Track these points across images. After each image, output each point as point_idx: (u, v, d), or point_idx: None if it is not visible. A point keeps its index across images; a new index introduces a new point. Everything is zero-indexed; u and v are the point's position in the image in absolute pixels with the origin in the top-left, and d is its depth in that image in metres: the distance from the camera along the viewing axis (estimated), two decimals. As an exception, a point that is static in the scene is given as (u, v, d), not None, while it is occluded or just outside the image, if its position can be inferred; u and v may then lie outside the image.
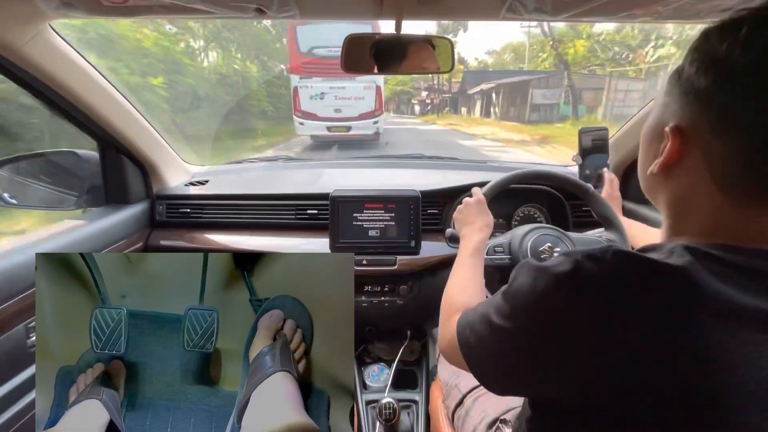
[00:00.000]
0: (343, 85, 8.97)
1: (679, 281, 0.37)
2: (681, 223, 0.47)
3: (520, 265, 0.49)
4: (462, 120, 26.36)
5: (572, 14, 0.79)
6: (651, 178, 0.49)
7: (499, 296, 0.50)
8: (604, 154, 1.27)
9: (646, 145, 0.51)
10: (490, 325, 0.49)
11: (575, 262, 0.40)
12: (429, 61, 0.92)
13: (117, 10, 0.79)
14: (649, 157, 0.50)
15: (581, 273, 0.39)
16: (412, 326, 1.46)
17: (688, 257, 0.39)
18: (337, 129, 9.31)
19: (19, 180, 1.11)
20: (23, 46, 0.82)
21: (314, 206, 1.33)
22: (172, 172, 1.43)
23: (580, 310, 0.39)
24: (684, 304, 0.36)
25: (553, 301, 0.41)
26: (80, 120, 1.07)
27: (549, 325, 0.41)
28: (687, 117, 0.42)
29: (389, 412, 1.14)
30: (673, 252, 0.40)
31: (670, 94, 0.46)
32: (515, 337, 0.45)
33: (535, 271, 0.44)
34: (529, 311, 0.44)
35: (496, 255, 0.96)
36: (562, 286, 0.40)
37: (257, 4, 0.76)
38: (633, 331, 0.36)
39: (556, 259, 0.43)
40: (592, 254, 0.40)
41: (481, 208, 0.95)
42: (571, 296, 0.39)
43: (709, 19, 0.83)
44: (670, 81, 0.46)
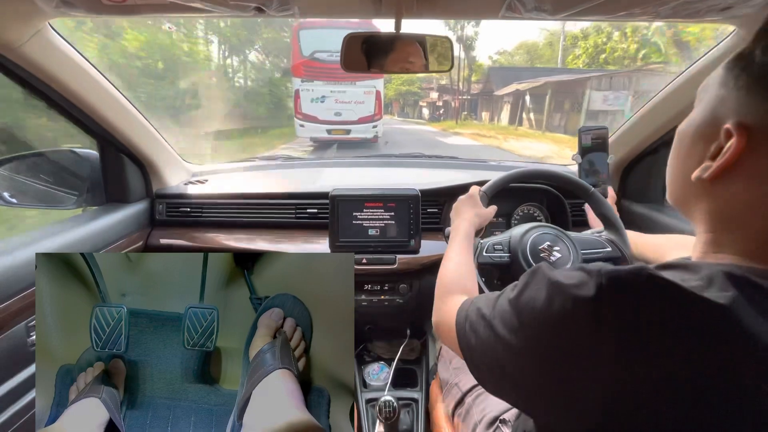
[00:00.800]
0: (344, 89, 9.12)
1: (722, 323, 0.32)
2: (724, 238, 0.40)
3: (534, 272, 0.44)
4: (488, 129, 20.07)
5: (571, 13, 0.80)
6: (692, 184, 0.42)
7: (505, 302, 0.46)
8: (603, 153, 1.27)
9: (687, 146, 0.44)
10: (494, 333, 0.45)
11: (599, 287, 0.35)
12: (428, 59, 0.92)
13: (117, 8, 0.79)
14: (690, 160, 0.43)
15: (606, 301, 0.35)
16: (412, 325, 1.46)
17: (732, 291, 0.33)
18: (337, 132, 9.45)
19: (19, 179, 1.11)
20: (23, 44, 0.82)
21: (314, 205, 1.33)
22: (172, 171, 1.43)
23: (602, 344, 0.34)
24: (726, 351, 0.32)
25: (570, 329, 0.36)
26: (80, 119, 1.07)
27: (562, 354, 0.37)
28: (757, 112, 0.36)
29: (389, 410, 1.14)
30: (713, 280, 0.34)
31: (726, 85, 0.39)
32: (521, 356, 0.41)
33: (550, 286, 0.39)
34: (540, 333, 0.39)
35: (495, 252, 0.96)
36: (583, 315, 0.36)
37: (257, 2, 0.76)
38: (660, 371, 0.32)
39: (576, 276, 0.38)
40: (621, 278, 0.35)
41: (473, 201, 0.96)
42: (592, 327, 0.35)
43: (708, 18, 0.83)
44: (729, 70, 0.40)
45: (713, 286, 0.34)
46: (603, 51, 17.29)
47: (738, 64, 0.39)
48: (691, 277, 0.35)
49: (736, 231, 0.39)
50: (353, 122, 9.38)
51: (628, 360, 0.33)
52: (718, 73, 0.41)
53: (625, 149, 1.33)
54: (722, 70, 0.41)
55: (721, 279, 0.34)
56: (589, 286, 0.36)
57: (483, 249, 0.95)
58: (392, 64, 0.92)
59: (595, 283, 0.36)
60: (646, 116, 1.22)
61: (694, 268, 0.37)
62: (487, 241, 0.97)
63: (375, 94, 9.33)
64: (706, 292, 0.33)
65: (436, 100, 33.78)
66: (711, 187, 0.41)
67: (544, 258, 0.93)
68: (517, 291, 0.44)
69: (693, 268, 0.37)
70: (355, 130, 9.45)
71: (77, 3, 0.76)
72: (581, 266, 0.39)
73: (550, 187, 1.34)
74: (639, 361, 0.33)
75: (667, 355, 0.32)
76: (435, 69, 0.94)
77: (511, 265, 0.95)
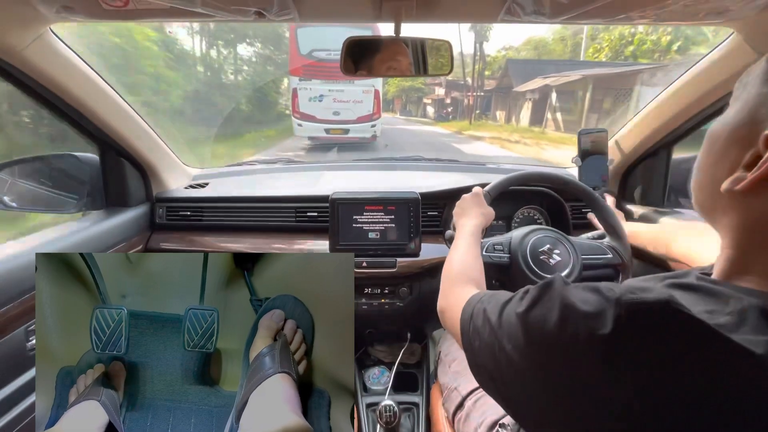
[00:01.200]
0: (342, 88, 9.01)
1: (754, 374, 0.29)
2: (752, 256, 0.36)
3: (545, 286, 0.41)
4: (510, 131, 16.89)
5: (570, 16, 0.80)
6: (721, 194, 0.37)
7: (512, 313, 0.42)
8: (603, 156, 1.28)
9: (719, 151, 0.39)
10: (498, 344, 0.42)
11: (617, 319, 0.32)
12: (429, 63, 0.93)
13: (117, 13, 0.79)
14: (721, 167, 0.38)
15: (623, 337, 0.31)
16: (413, 328, 1.46)
17: (767, 335, 0.29)
18: (335, 131, 9.35)
19: (20, 183, 1.11)
20: (24, 49, 0.83)
21: (314, 209, 1.33)
22: (172, 174, 1.43)
23: (613, 385, 0.31)
24: (755, 404, 0.29)
25: (582, 361, 0.33)
26: (80, 123, 1.07)
27: (570, 385, 0.34)
28: None
29: (389, 414, 1.13)
30: (745, 318, 0.31)
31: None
32: (524, 376, 0.39)
33: (564, 308, 0.36)
34: (548, 358, 0.37)
35: (495, 253, 0.97)
36: (595, 349, 0.32)
37: (257, 7, 0.77)
38: (681, 414, 0.29)
39: (593, 302, 0.35)
40: (642, 311, 0.32)
41: (478, 200, 0.96)
42: (607, 362, 0.32)
43: (707, 21, 0.83)
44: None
45: (745, 325, 0.30)
46: (630, 43, 15.45)
47: None
48: (719, 309, 0.32)
49: (766, 251, 0.35)
50: (352, 121, 9.29)
51: (640, 406, 0.30)
52: (760, 67, 0.36)
53: (625, 152, 1.34)
54: (765, 63, 0.36)
55: (755, 317, 0.31)
56: (607, 318, 0.32)
57: (483, 248, 0.95)
58: (392, 69, 0.93)
59: (614, 314, 0.32)
60: (646, 119, 1.23)
61: (722, 296, 0.34)
62: (488, 241, 0.98)
63: (374, 93, 9.24)
64: (737, 334, 0.30)
65: (444, 97, 30.26)
66: (743, 199, 0.36)
67: (544, 261, 0.93)
68: (526, 305, 0.41)
69: (720, 295, 0.34)
70: (354, 130, 9.35)
71: (78, 8, 0.77)
72: (598, 288, 0.36)
73: (551, 190, 1.34)
74: (653, 409, 0.30)
75: (689, 405, 0.29)
76: (435, 73, 0.94)
77: (511, 267, 0.95)
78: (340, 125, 9.30)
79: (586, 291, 0.37)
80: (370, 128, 9.49)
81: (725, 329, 0.30)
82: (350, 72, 0.91)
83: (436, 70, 0.94)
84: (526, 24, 0.85)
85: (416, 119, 30.11)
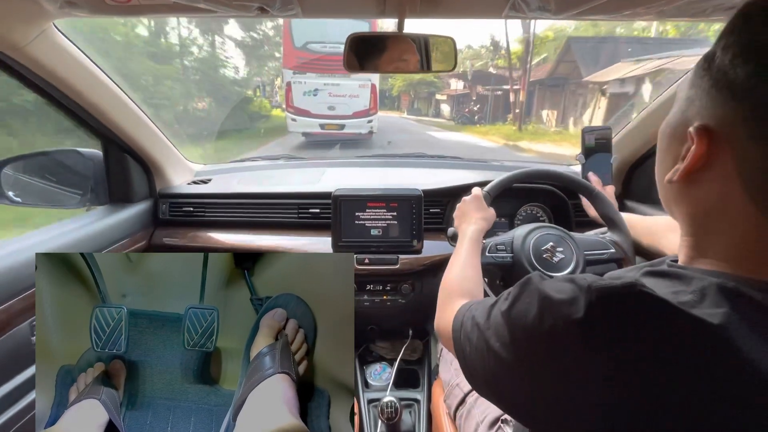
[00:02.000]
0: (338, 82, 8.72)
1: (714, 344, 0.32)
2: (705, 242, 0.40)
3: (525, 283, 0.44)
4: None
5: (575, 13, 0.79)
6: (669, 187, 0.42)
7: (498, 313, 0.45)
8: (607, 154, 1.27)
9: (663, 148, 0.44)
10: (487, 345, 0.45)
11: (589, 304, 0.34)
12: (432, 59, 0.92)
13: (121, 9, 0.79)
14: (667, 161, 0.42)
15: (596, 320, 0.34)
16: (414, 325, 1.46)
17: (725, 308, 0.32)
18: (331, 126, 9.06)
19: (24, 178, 1.11)
20: (27, 45, 0.83)
21: (317, 205, 1.33)
22: (176, 170, 1.43)
23: (592, 363, 0.34)
24: (719, 372, 0.31)
25: (560, 348, 0.36)
26: (84, 119, 1.08)
27: (553, 372, 0.37)
28: (717, 115, 0.35)
29: (391, 411, 1.14)
30: (705, 294, 0.34)
31: (696, 86, 0.38)
32: (513, 371, 0.41)
33: (541, 301, 0.39)
34: (531, 350, 0.39)
35: (498, 253, 0.96)
36: (573, 333, 0.35)
37: (260, 2, 0.76)
38: (652, 391, 0.32)
39: (567, 290, 0.37)
40: (610, 294, 0.35)
41: (478, 204, 0.96)
42: (581, 346, 0.35)
43: (714, 17, 0.82)
44: (697, 71, 0.38)
45: (705, 300, 0.34)
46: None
47: (704, 65, 0.37)
48: (683, 290, 0.35)
49: (715, 236, 0.39)
50: (347, 117, 8.98)
51: (617, 380, 0.33)
52: (690, 72, 0.40)
53: (629, 150, 1.33)
54: (693, 69, 0.40)
55: (713, 293, 0.34)
56: (579, 304, 0.35)
57: (485, 249, 0.95)
58: (395, 65, 0.92)
59: (585, 300, 0.35)
60: (650, 116, 1.22)
61: (686, 278, 0.37)
62: (490, 242, 0.97)
63: (370, 87, 8.93)
64: (697, 309, 0.33)
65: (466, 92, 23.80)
66: (686, 189, 0.40)
67: (547, 259, 0.92)
68: (509, 302, 0.44)
69: (685, 278, 0.37)
70: (350, 125, 9.06)
71: (81, 3, 0.77)
72: (572, 278, 0.39)
73: (553, 187, 1.33)
74: (629, 382, 0.32)
75: (659, 375, 0.32)
76: (438, 69, 0.94)
77: (514, 266, 0.94)
78: (335, 120, 9.00)
79: (561, 282, 0.40)
80: (367, 123, 9.20)
81: (687, 305, 0.33)
82: (354, 69, 0.90)
83: (440, 67, 0.94)
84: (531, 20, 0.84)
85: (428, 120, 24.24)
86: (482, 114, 21.05)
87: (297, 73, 8.70)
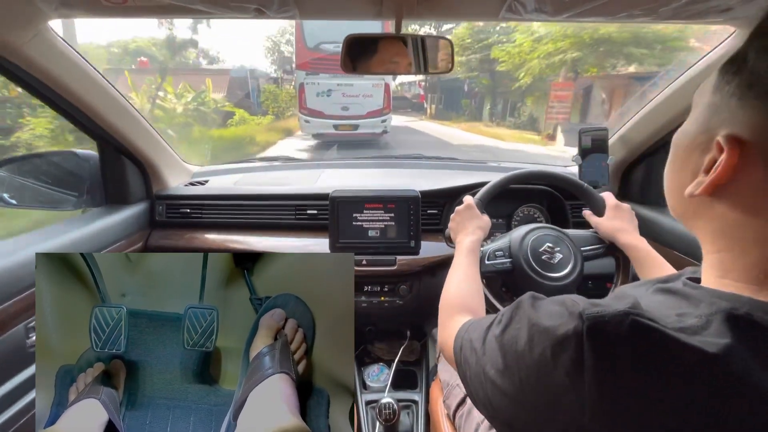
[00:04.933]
0: (351, 83, 8.66)
1: (713, 373, 0.30)
2: (728, 261, 0.37)
3: (516, 307, 0.43)
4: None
5: (572, 14, 0.80)
6: (688, 201, 0.39)
7: (492, 338, 0.44)
8: (603, 154, 1.27)
9: (681, 158, 0.41)
10: (483, 371, 0.44)
11: (578, 335, 0.33)
12: (429, 60, 0.92)
13: (116, 10, 0.79)
14: (685, 173, 0.40)
15: (586, 349, 0.33)
16: (412, 326, 1.46)
17: (728, 338, 0.30)
18: (344, 127, 9.02)
19: (19, 180, 1.11)
20: (23, 45, 0.82)
21: (314, 206, 1.33)
22: (172, 172, 1.43)
23: (579, 392, 0.33)
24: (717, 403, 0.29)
25: (551, 377, 0.35)
26: (80, 120, 1.07)
27: (544, 400, 0.36)
28: (751, 124, 0.32)
29: (389, 412, 1.13)
30: (711, 321, 0.32)
31: (721, 91, 0.36)
32: (507, 397, 0.40)
33: (530, 327, 0.38)
34: (524, 378, 0.38)
35: (497, 260, 0.95)
36: (562, 363, 0.34)
37: (257, 4, 0.76)
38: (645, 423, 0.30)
39: (557, 315, 0.36)
40: (602, 321, 0.33)
41: (472, 213, 0.95)
42: (572, 375, 0.33)
43: (710, 19, 0.83)
44: (722, 75, 0.36)
45: (709, 328, 0.31)
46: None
47: (730, 69, 0.35)
48: (689, 312, 0.34)
49: (739, 254, 0.35)
50: (361, 117, 8.94)
51: (605, 411, 0.32)
52: (713, 77, 0.38)
53: (625, 151, 1.33)
54: (716, 74, 0.37)
55: (719, 321, 0.32)
56: (569, 332, 0.34)
57: (484, 257, 0.95)
58: (392, 66, 0.93)
59: (576, 328, 0.34)
60: (646, 118, 1.22)
61: (695, 299, 0.35)
62: (488, 249, 0.97)
63: (384, 86, 8.86)
64: (699, 336, 0.31)
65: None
66: (708, 203, 0.37)
67: (546, 260, 0.92)
68: (501, 327, 0.43)
69: (694, 299, 0.35)
70: (363, 125, 9.01)
71: (77, 4, 0.77)
72: (563, 301, 0.38)
73: (550, 187, 1.34)
74: (620, 413, 0.31)
75: (652, 407, 0.30)
76: (436, 71, 0.94)
77: (514, 271, 0.94)
78: (349, 121, 8.95)
79: (553, 305, 0.38)
80: (381, 123, 9.15)
81: (688, 331, 0.31)
82: (350, 70, 0.91)
83: (438, 68, 0.94)
84: (528, 22, 0.85)
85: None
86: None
87: (310, 74, 8.65)
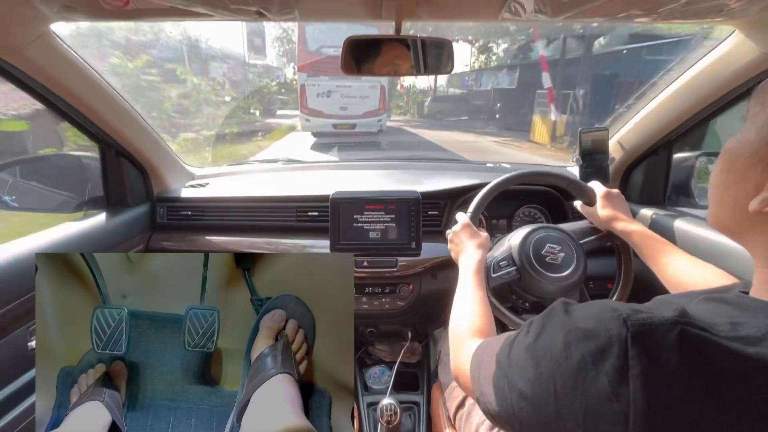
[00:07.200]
0: (350, 84, 9.22)
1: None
2: None
3: (548, 314, 0.40)
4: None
5: (571, 15, 0.80)
6: (748, 213, 0.36)
7: (520, 349, 0.41)
8: (604, 155, 1.27)
9: (739, 170, 0.38)
10: (509, 385, 0.41)
11: (622, 341, 0.31)
12: (429, 62, 0.92)
13: (117, 13, 0.79)
14: (745, 185, 0.37)
15: (632, 357, 0.30)
16: (413, 328, 1.46)
17: None
18: (343, 126, 9.62)
19: (20, 183, 1.11)
20: (25, 49, 0.83)
21: (315, 208, 1.33)
22: (173, 174, 1.43)
23: (626, 403, 0.30)
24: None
25: (591, 385, 0.32)
26: (81, 123, 1.07)
27: (581, 409, 0.33)
28: None
29: (390, 413, 1.13)
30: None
31: None
32: (537, 408, 0.37)
33: (568, 333, 0.35)
34: (558, 387, 0.35)
35: (502, 270, 0.94)
36: (605, 370, 0.31)
37: (258, 6, 0.76)
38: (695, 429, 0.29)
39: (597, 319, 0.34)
40: (649, 328, 0.31)
41: (469, 231, 0.94)
42: (614, 384, 0.31)
43: (708, 18, 0.83)
44: None
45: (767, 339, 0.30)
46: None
47: None
48: (746, 322, 0.32)
49: None
50: (358, 116, 9.58)
51: (652, 423, 0.30)
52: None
53: (626, 151, 1.33)
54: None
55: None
56: (612, 337, 0.32)
57: (490, 271, 0.94)
58: (392, 67, 0.93)
59: (619, 333, 0.32)
60: (647, 117, 1.22)
61: (753, 310, 0.33)
62: (491, 261, 0.96)
63: (380, 88, 9.50)
64: (758, 347, 0.29)
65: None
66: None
67: (551, 262, 0.92)
68: (532, 335, 0.41)
69: (751, 309, 0.33)
70: (360, 124, 9.63)
71: (78, 8, 0.77)
72: (600, 304, 0.36)
73: (549, 188, 1.34)
74: (667, 426, 0.29)
75: (704, 420, 0.29)
76: (436, 72, 0.94)
77: (522, 278, 0.93)
78: (347, 120, 9.56)
79: (589, 309, 0.36)
80: (377, 122, 9.79)
81: (745, 341, 0.29)
82: (351, 71, 0.91)
83: (438, 69, 0.94)
84: (526, 23, 0.85)
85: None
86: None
87: (311, 76, 9.28)
